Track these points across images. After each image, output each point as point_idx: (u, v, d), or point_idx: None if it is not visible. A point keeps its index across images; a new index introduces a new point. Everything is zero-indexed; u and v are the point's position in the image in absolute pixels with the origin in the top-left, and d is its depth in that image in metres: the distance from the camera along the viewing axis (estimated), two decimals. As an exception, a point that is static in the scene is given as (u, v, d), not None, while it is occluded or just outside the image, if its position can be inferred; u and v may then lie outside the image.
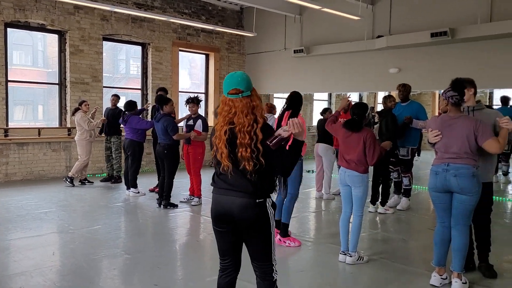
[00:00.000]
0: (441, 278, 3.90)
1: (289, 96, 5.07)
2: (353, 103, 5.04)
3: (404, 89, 6.69)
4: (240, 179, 2.56)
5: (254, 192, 2.56)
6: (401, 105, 6.74)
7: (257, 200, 2.57)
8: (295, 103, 5.00)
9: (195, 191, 7.08)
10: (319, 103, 15.24)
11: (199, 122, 6.88)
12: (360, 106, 4.58)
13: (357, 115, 4.50)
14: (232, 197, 2.58)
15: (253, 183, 2.55)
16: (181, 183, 8.25)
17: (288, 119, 4.95)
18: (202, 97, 10.53)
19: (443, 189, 3.74)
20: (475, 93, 4.05)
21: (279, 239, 5.04)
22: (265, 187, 2.60)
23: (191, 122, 6.97)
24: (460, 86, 3.71)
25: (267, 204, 2.61)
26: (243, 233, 2.64)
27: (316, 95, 15.40)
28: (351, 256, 4.44)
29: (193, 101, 6.86)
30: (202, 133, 6.84)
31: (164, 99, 6.98)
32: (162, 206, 6.74)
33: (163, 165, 6.87)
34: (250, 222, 2.58)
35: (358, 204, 4.47)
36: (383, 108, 6.71)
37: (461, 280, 3.78)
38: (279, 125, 4.97)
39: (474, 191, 3.63)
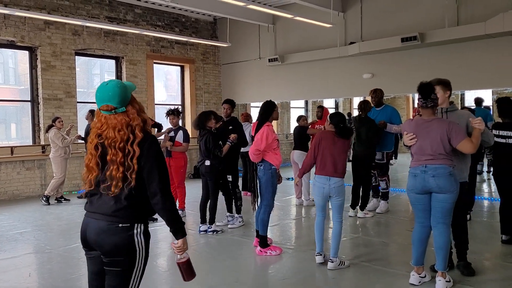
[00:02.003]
0: (420, 276, 3.97)
1: (261, 105, 5.15)
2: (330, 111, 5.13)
3: (376, 94, 6.79)
4: (103, 200, 2.25)
5: (115, 215, 2.21)
6: (375, 109, 6.84)
7: (120, 225, 2.21)
8: (264, 112, 5.03)
9: (179, 203, 7.01)
10: (296, 111, 15.35)
11: (180, 133, 6.88)
12: (340, 114, 4.69)
13: (342, 123, 4.56)
14: (91, 220, 2.28)
15: (115, 204, 2.22)
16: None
17: (256, 129, 5.02)
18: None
19: (423, 190, 3.81)
20: (446, 91, 4.11)
21: (260, 250, 5.04)
22: (136, 209, 2.25)
23: (172, 134, 6.95)
24: (424, 89, 3.79)
25: (136, 231, 2.24)
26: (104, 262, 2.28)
27: (293, 103, 15.51)
28: (332, 262, 4.46)
29: (173, 113, 6.87)
30: (182, 144, 6.82)
31: None
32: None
33: None
34: (107, 250, 2.23)
35: (339, 211, 4.52)
36: (360, 114, 6.74)
37: (445, 278, 3.84)
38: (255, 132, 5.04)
39: (452, 189, 3.72)
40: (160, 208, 2.26)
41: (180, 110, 7.06)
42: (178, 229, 2.31)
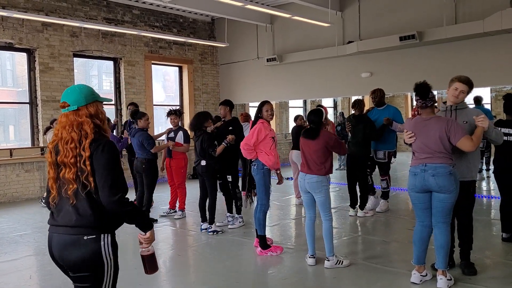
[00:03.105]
0: (421, 275, 3.97)
1: None
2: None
3: (375, 95, 6.76)
4: (64, 211, 2.16)
5: (79, 226, 2.12)
6: (377, 109, 6.82)
7: (85, 237, 2.11)
8: (256, 111, 5.10)
9: (179, 204, 7.03)
10: (294, 110, 15.35)
11: (180, 134, 6.89)
12: (317, 113, 4.63)
13: (314, 123, 4.57)
14: (55, 234, 2.17)
15: (78, 214, 2.12)
16: (159, 197, 8.15)
17: (251, 126, 5.08)
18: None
19: (422, 189, 3.80)
20: (468, 92, 4.07)
21: (260, 251, 5.05)
22: (100, 218, 2.14)
23: (172, 134, 6.96)
24: (421, 89, 3.79)
25: (103, 242, 2.14)
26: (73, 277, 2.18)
27: (291, 103, 15.51)
28: (329, 261, 4.48)
29: (174, 113, 6.88)
30: (183, 144, 6.82)
31: (138, 113, 6.93)
32: None
33: (141, 180, 6.79)
34: (73, 265, 2.12)
35: (324, 208, 4.52)
36: (354, 113, 6.73)
37: (445, 276, 3.84)
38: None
39: (452, 189, 3.71)
40: (116, 213, 2.16)
41: (181, 110, 7.07)
42: (143, 224, 2.28)
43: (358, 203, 6.74)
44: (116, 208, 2.13)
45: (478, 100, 9.71)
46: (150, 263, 2.33)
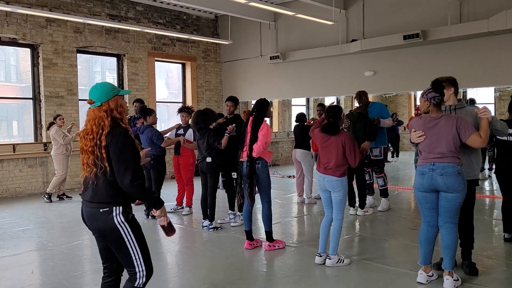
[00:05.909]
0: (428, 275, 3.95)
1: (255, 102, 5.26)
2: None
3: (361, 100, 6.72)
4: (88, 189, 2.67)
5: (95, 201, 2.62)
6: None
7: (101, 210, 2.60)
8: (259, 109, 5.11)
9: (187, 200, 7.06)
10: (297, 108, 15.34)
11: (190, 131, 6.90)
12: (334, 109, 4.62)
13: (332, 118, 4.53)
14: (85, 207, 2.71)
15: (95, 192, 2.62)
16: (163, 194, 8.14)
17: (252, 124, 5.08)
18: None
19: (430, 188, 3.78)
20: (456, 92, 4.11)
21: (268, 245, 5.06)
22: (111, 194, 2.61)
23: (181, 131, 6.97)
24: (440, 87, 3.78)
25: (114, 213, 2.60)
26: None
27: (294, 101, 15.49)
28: (330, 259, 4.48)
29: (186, 111, 6.91)
30: (193, 142, 6.85)
31: (147, 110, 6.95)
32: (150, 217, 6.67)
33: (149, 176, 6.82)
34: (96, 232, 2.68)
35: (338, 208, 4.50)
36: (356, 109, 6.71)
37: (452, 277, 3.82)
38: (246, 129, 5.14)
39: (460, 188, 3.69)
40: (130, 193, 2.60)
41: (192, 109, 7.11)
42: (152, 203, 2.74)
43: (357, 202, 6.73)
44: (129, 189, 2.58)
45: (471, 100, 9.93)
46: (167, 229, 2.83)
